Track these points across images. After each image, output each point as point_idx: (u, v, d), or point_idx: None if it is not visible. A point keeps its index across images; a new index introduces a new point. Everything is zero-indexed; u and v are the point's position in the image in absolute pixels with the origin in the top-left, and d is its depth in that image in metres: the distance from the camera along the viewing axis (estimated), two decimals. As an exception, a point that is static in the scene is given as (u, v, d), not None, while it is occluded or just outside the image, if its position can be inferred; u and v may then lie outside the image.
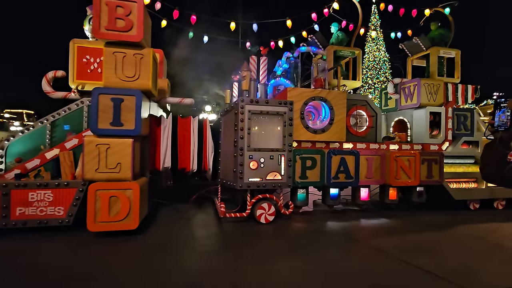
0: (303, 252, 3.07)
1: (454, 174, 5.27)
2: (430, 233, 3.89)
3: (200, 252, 3.01)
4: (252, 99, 4.11)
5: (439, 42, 6.07)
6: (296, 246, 3.29)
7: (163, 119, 4.30)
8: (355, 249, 3.27)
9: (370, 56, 32.17)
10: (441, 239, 3.66)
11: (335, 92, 4.73)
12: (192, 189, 5.11)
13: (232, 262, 2.78)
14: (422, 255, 3.01)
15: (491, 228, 4.19)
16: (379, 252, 3.15)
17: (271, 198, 4.26)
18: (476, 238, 3.73)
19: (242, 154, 4.06)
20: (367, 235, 3.86)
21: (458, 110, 5.60)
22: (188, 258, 2.84)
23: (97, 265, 2.63)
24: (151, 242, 3.27)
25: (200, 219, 4.27)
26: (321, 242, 3.47)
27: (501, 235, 3.88)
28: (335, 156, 4.54)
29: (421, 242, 3.51)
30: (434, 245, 3.41)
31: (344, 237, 3.74)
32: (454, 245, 3.44)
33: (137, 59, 3.55)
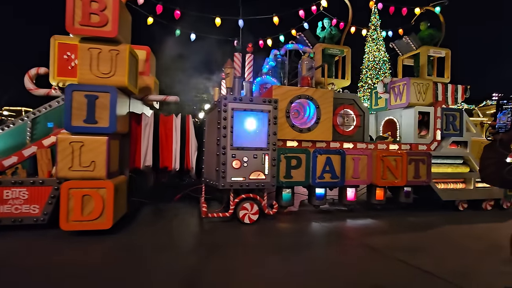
0: (284, 252, 2.99)
1: (442, 174, 5.21)
2: (415, 233, 3.83)
3: (172, 252, 2.92)
4: (236, 97, 4.02)
5: (429, 41, 6.01)
6: (278, 246, 3.22)
7: (144, 117, 4.19)
8: (338, 249, 3.20)
9: (370, 56, 32.10)
10: (430, 239, 3.60)
11: (322, 91, 4.65)
12: (180, 188, 5.00)
13: (203, 262, 2.69)
14: (408, 254, 2.94)
15: (486, 228, 4.17)
16: (366, 252, 3.08)
17: (255, 197, 4.18)
18: (473, 238, 3.71)
19: (225, 153, 3.97)
20: (352, 235, 3.79)
21: (447, 110, 5.54)
22: (156, 258, 2.75)
23: (59, 265, 2.53)
24: (123, 242, 3.19)
25: (181, 219, 4.17)
26: (302, 242, 3.39)
27: (497, 235, 3.85)
28: (320, 155, 4.46)
29: (407, 241, 3.45)
30: (423, 245, 3.35)
31: (328, 237, 3.67)
32: (449, 245, 3.38)
33: (112, 55, 3.45)
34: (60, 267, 2.51)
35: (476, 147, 5.52)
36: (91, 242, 3.15)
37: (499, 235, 3.88)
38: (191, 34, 5.84)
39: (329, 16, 5.77)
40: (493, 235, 3.90)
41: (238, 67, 4.26)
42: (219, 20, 5.41)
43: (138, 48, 5.68)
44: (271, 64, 4.92)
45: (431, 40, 6.01)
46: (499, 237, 3.76)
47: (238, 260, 2.79)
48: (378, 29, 31.92)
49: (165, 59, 5.66)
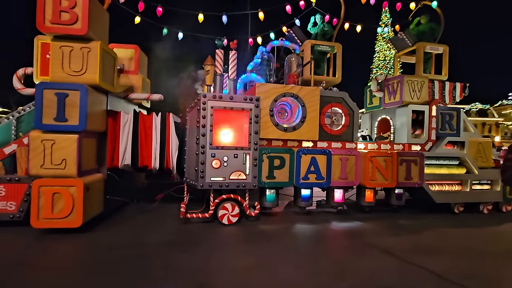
0: (256, 253, 2.86)
1: (436, 176, 4.98)
2: (411, 235, 3.64)
3: (136, 253, 2.82)
4: (215, 94, 3.91)
5: (429, 36, 5.77)
6: (252, 247, 3.09)
7: (123, 115, 4.12)
8: (318, 252, 3.05)
9: (380, 55, 31.44)
10: (433, 240, 3.41)
11: (308, 89, 4.49)
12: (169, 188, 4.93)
13: (164, 264, 2.58)
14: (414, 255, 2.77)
15: (492, 231, 3.99)
16: (346, 254, 2.92)
17: (235, 198, 4.06)
18: (484, 240, 3.54)
19: (204, 152, 3.86)
20: (334, 238, 3.64)
21: (443, 109, 5.30)
22: (118, 258, 2.66)
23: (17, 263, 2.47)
24: (91, 241, 3.14)
25: (158, 219, 4.08)
26: (282, 244, 3.25)
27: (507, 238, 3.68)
28: (305, 155, 4.31)
29: (394, 244, 3.27)
30: (430, 247, 3.17)
31: (310, 239, 3.53)
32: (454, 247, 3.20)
33: (84, 53, 3.40)
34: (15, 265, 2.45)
35: (474, 147, 5.26)
36: (58, 240, 3.12)
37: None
38: (178, 33, 5.75)
39: (321, 12, 5.59)
40: (503, 237, 3.68)
41: (219, 64, 4.14)
42: (202, 16, 5.31)
43: (126, 47, 5.65)
44: (256, 61, 4.79)
45: (432, 34, 5.77)
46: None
47: (198, 260, 2.68)
48: (389, 28, 31.38)
49: (158, 58, 5.58)
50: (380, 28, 6.48)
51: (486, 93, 62.97)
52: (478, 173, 5.08)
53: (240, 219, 4.12)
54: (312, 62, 4.64)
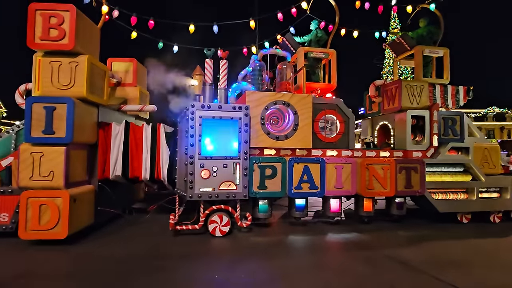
0: (240, 268, 2.75)
1: (439, 183, 4.74)
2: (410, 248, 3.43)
3: (113, 266, 2.77)
4: (204, 104, 3.89)
5: (428, 39, 5.62)
6: (239, 261, 2.98)
7: (114, 126, 4.14)
8: (309, 267, 2.90)
9: (391, 61, 31.08)
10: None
11: (300, 96, 4.41)
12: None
13: (140, 278, 2.51)
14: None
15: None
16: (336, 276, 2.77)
17: (226, 209, 3.97)
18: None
19: (193, 162, 3.82)
20: (328, 251, 3.47)
21: (446, 114, 5.08)
22: (93, 271, 2.61)
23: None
24: (73, 253, 3.13)
25: (148, 231, 4.03)
26: (274, 258, 3.12)
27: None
28: (297, 164, 4.19)
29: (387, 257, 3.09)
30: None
31: (302, 252, 3.39)
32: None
33: (72, 67, 3.48)
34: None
35: (480, 153, 5.00)
36: (41, 251, 3.15)
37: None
38: (174, 46, 5.83)
39: (316, 19, 5.54)
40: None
41: (209, 74, 4.13)
42: (193, 27, 5.36)
43: (124, 60, 5.76)
44: (248, 69, 4.76)
45: (431, 37, 5.61)
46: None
47: (178, 274, 2.59)
48: (399, 33, 30.95)
49: (159, 70, 5.65)
50: (377, 33, 6.35)
51: (503, 96, 60.75)
52: (484, 180, 4.80)
53: (231, 231, 4.03)
54: (304, 69, 4.56)
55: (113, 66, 5.72)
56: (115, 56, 5.69)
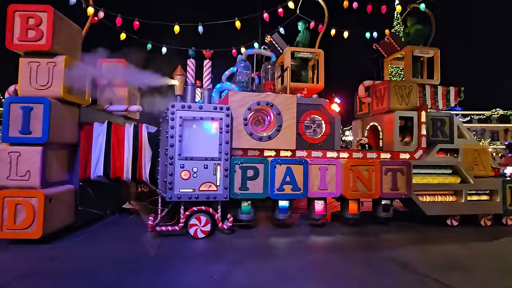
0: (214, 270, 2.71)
1: (427, 186, 4.65)
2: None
3: (84, 266, 2.74)
4: (184, 104, 3.85)
5: (416, 38, 5.53)
6: (217, 263, 2.93)
7: (96, 127, 4.13)
8: (289, 272, 2.85)
9: (394, 62, 30.96)
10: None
11: (283, 96, 4.36)
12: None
13: (107, 281, 2.47)
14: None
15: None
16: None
17: (207, 210, 3.93)
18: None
19: (172, 163, 3.78)
20: (311, 254, 3.40)
21: (435, 115, 4.99)
22: (59, 271, 2.59)
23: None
24: (44, 254, 3.10)
25: (127, 232, 4.00)
26: (255, 261, 3.07)
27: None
28: (279, 165, 4.13)
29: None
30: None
31: (283, 254, 3.33)
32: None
33: (50, 67, 3.47)
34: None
35: (470, 155, 4.89)
36: (15, 250, 3.13)
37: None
38: (162, 47, 5.81)
39: (306, 19, 5.49)
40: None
41: (191, 74, 4.10)
42: (178, 27, 5.34)
43: (113, 61, 5.76)
44: (232, 69, 4.72)
45: (417, 36, 5.52)
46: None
47: (145, 278, 2.55)
48: (402, 35, 30.77)
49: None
50: (368, 33, 6.26)
51: (508, 98, 60.06)
52: (473, 183, 4.70)
53: (213, 232, 3.98)
54: (289, 69, 4.51)
55: (103, 67, 5.72)
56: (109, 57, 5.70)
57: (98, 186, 4.30)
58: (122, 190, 5.65)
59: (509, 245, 3.96)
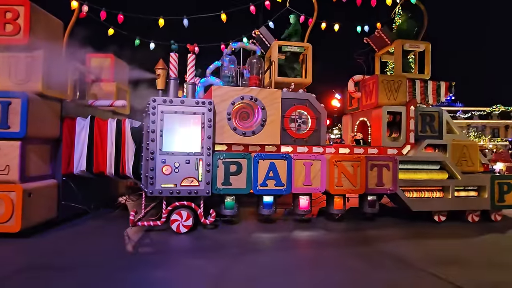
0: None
1: (414, 181, 4.57)
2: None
3: (53, 262, 2.71)
4: (165, 98, 3.80)
5: (405, 32, 5.41)
6: (196, 259, 2.90)
7: (79, 121, 4.08)
8: (267, 267, 2.81)
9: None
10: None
11: (268, 91, 4.29)
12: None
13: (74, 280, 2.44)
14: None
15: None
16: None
17: (189, 205, 3.89)
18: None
19: (154, 158, 3.74)
20: (293, 249, 3.36)
21: (424, 110, 4.91)
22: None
23: None
24: (20, 248, 3.09)
25: (110, 226, 3.97)
26: (234, 257, 3.03)
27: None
28: (263, 160, 4.08)
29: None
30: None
31: (266, 250, 3.30)
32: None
33: (28, 62, 3.41)
34: None
35: (458, 151, 4.81)
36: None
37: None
38: (150, 42, 5.72)
39: (296, 12, 5.37)
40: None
41: (173, 68, 4.03)
42: (163, 21, 5.25)
43: (102, 56, 5.70)
44: (217, 63, 4.65)
45: (407, 30, 5.39)
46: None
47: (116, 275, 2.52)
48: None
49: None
50: (359, 27, 6.13)
51: (509, 94, 59.31)
52: (461, 179, 4.62)
53: (195, 228, 3.95)
54: (276, 63, 4.42)
55: (91, 62, 5.67)
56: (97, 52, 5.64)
57: (83, 181, 4.28)
58: (111, 184, 5.62)
59: (498, 238, 3.91)
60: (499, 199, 4.63)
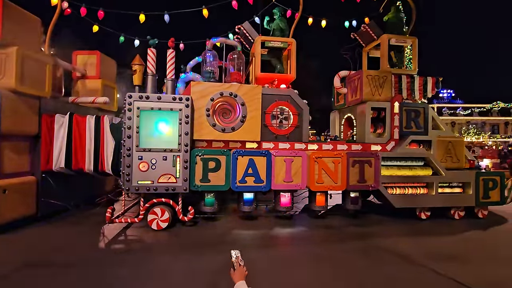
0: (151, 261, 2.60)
1: (397, 178, 4.46)
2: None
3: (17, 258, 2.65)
4: (142, 94, 3.71)
5: (392, 27, 5.25)
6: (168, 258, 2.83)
7: (58, 118, 4.01)
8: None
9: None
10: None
11: (248, 87, 4.18)
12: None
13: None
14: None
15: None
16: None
17: (167, 202, 3.81)
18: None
19: (130, 154, 3.66)
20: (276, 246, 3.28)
21: (408, 106, 4.78)
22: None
23: None
24: None
25: (87, 224, 3.91)
26: (211, 254, 2.96)
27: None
28: (242, 157, 3.98)
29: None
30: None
31: (244, 246, 3.20)
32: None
33: (1, 59, 3.34)
34: None
35: (443, 147, 4.68)
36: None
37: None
38: (135, 39, 5.63)
39: (281, 6, 5.23)
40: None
41: (151, 64, 3.93)
42: (143, 16, 5.14)
43: (88, 53, 5.61)
44: (198, 59, 4.54)
45: (394, 25, 5.24)
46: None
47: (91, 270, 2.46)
48: (403, 25, 30.07)
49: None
50: (347, 22, 5.97)
51: (508, 91, 58.30)
52: (445, 175, 4.50)
53: (174, 224, 3.88)
54: (256, 58, 4.30)
55: (78, 59, 5.59)
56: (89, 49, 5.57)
57: (64, 178, 4.21)
58: (94, 182, 5.50)
59: (496, 234, 3.80)
60: (484, 196, 4.50)
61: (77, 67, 5.33)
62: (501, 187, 4.55)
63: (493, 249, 3.35)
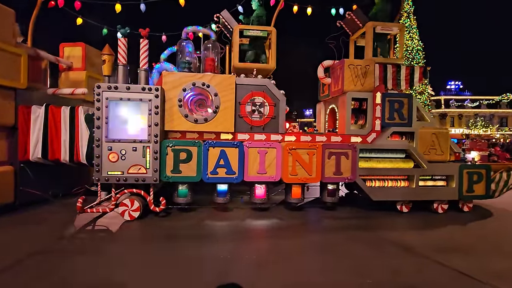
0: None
1: (377, 170, 4.21)
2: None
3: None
4: (110, 85, 3.57)
5: (378, 15, 4.89)
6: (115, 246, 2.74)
7: (34, 109, 3.94)
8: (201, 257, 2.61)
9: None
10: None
11: (221, 77, 3.98)
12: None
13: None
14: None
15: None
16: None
17: (138, 193, 3.71)
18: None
19: (99, 145, 3.55)
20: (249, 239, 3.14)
21: (392, 96, 4.48)
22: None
23: None
24: None
25: (61, 213, 3.85)
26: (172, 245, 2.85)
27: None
28: (213, 148, 3.82)
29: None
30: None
31: (209, 237, 3.09)
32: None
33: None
34: None
35: (427, 139, 4.38)
36: None
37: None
38: (118, 31, 5.44)
39: (263, -5, 4.94)
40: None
41: (122, 54, 3.78)
42: (119, 6, 4.95)
43: (74, 45, 5.51)
44: (172, 49, 4.35)
45: (380, 12, 4.88)
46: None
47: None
48: (411, 16, 28.86)
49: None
50: (334, 9, 5.63)
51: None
52: (427, 168, 4.22)
53: (146, 215, 3.79)
54: (234, 48, 4.08)
55: (64, 51, 5.51)
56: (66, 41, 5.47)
57: (43, 168, 4.17)
58: (75, 172, 5.36)
59: (498, 226, 3.55)
60: (468, 189, 4.20)
61: (61, 59, 5.24)
62: (487, 180, 4.24)
63: (500, 240, 3.24)
